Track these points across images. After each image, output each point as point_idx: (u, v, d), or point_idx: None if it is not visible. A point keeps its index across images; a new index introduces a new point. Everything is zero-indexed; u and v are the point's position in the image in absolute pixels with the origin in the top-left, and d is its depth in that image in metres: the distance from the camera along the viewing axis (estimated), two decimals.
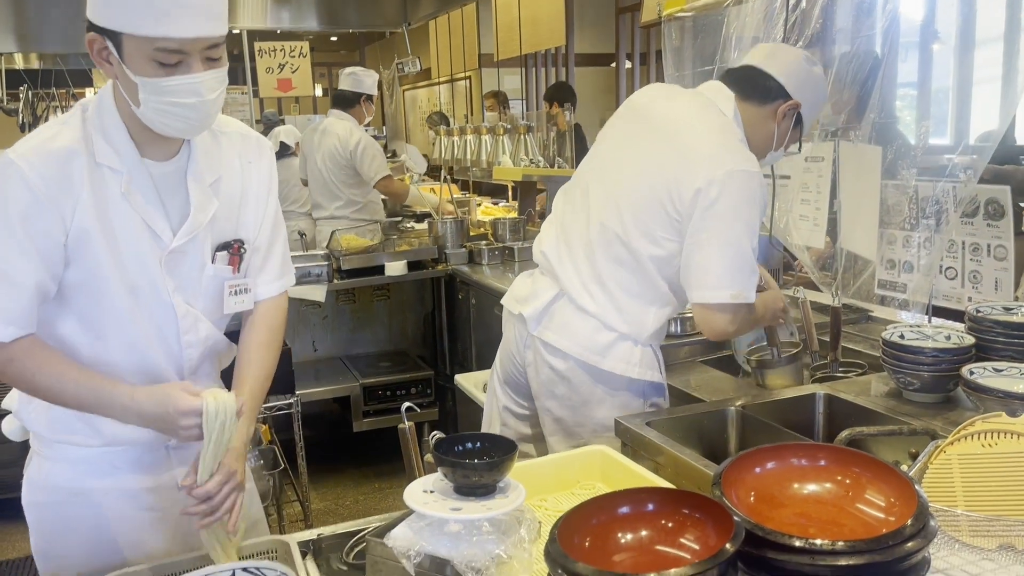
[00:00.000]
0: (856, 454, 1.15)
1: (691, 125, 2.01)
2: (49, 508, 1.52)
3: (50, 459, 1.52)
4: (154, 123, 1.37)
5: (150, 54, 1.29)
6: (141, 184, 1.42)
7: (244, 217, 1.56)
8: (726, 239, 1.91)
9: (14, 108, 5.41)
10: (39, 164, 1.32)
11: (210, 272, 1.52)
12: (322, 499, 3.92)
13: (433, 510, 1.19)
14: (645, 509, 1.09)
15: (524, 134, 4.64)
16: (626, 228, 2.00)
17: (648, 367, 2.07)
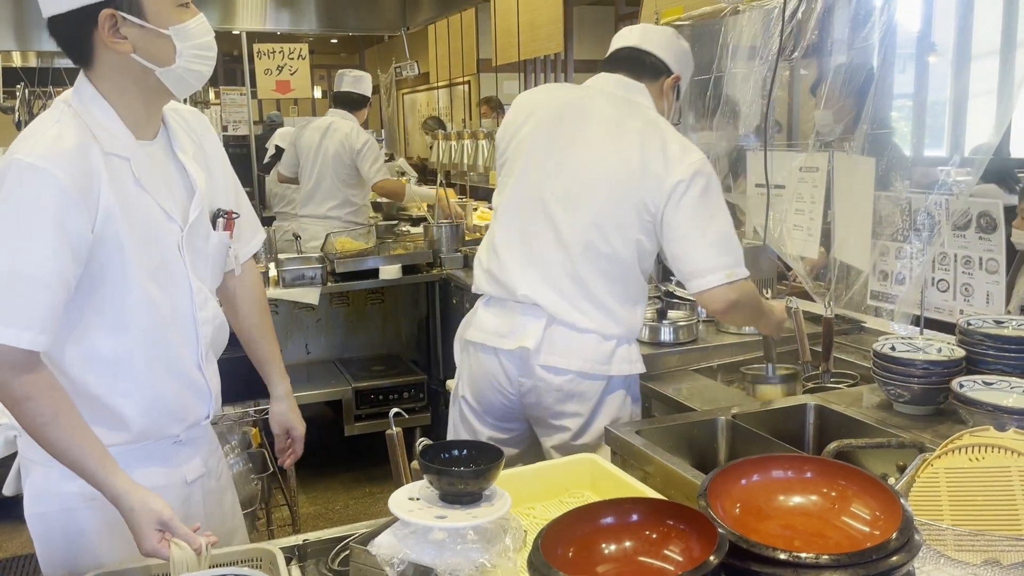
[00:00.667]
0: (842, 467, 1.15)
1: (636, 128, 2.06)
2: (56, 517, 1.51)
3: (56, 467, 1.47)
4: (184, 76, 1.42)
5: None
6: (146, 166, 1.44)
7: (215, 185, 1.61)
8: (704, 227, 2.00)
9: (10, 106, 5.40)
10: (65, 164, 1.32)
11: (215, 240, 1.57)
12: (312, 503, 3.91)
13: (418, 518, 1.18)
14: (629, 520, 1.08)
15: None
16: (607, 239, 2.04)
17: (639, 361, 2.18)
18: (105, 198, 1.36)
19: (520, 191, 2.13)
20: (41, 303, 1.31)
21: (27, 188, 1.31)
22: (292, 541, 1.48)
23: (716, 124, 3.18)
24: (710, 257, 2.00)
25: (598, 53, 8.66)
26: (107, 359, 1.44)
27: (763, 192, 2.79)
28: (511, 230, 2.14)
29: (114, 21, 1.34)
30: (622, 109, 2.11)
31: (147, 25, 1.36)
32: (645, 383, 2.38)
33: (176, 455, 1.58)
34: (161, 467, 1.55)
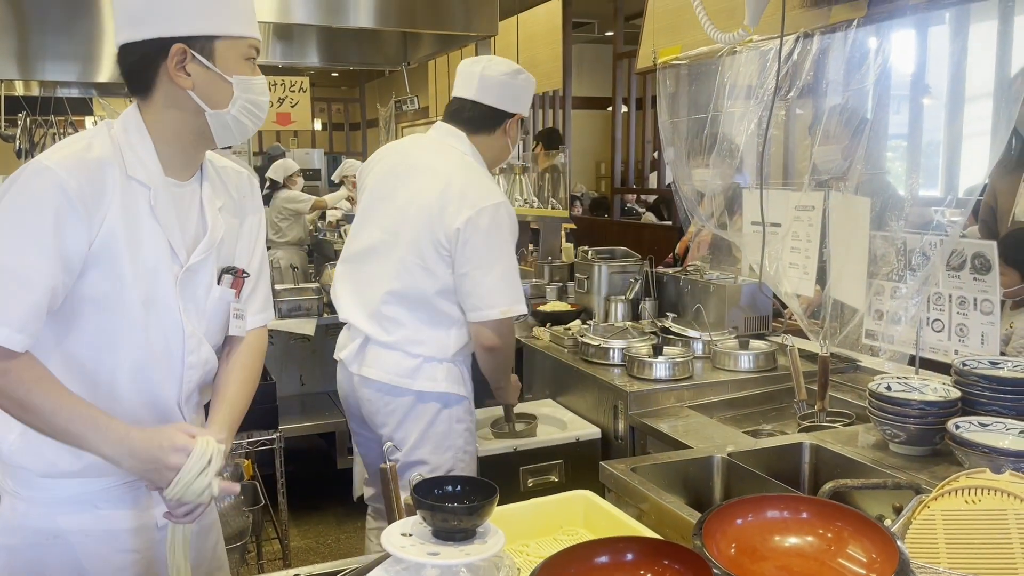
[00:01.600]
0: (839, 508, 1.14)
1: (439, 171, 2.31)
2: (22, 552, 1.47)
3: (25, 499, 1.47)
4: (231, 124, 1.47)
5: (243, 52, 1.45)
6: (165, 201, 1.45)
7: (238, 247, 1.62)
8: (488, 265, 2.24)
9: (11, 134, 5.43)
10: (76, 172, 1.34)
11: (216, 294, 1.56)
12: (303, 536, 3.87)
13: (410, 554, 1.17)
14: (624, 559, 1.07)
15: (520, 174, 4.67)
16: (412, 274, 2.30)
17: (453, 382, 2.34)
18: (111, 218, 1.37)
19: (355, 235, 2.47)
20: (23, 302, 1.30)
21: (34, 188, 1.32)
22: (285, 575, 1.46)
23: (712, 162, 3.22)
24: (492, 294, 2.25)
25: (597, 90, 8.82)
26: (89, 375, 1.43)
27: (759, 230, 2.81)
28: (345, 263, 2.48)
29: (184, 56, 1.40)
30: (439, 157, 2.37)
31: (213, 68, 1.42)
32: (640, 419, 2.38)
33: (147, 496, 1.53)
34: (130, 509, 1.52)
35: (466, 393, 2.38)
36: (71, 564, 1.46)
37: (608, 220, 7.28)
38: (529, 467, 2.52)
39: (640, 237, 6.24)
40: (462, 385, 2.37)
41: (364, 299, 2.37)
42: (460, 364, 2.38)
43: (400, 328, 2.31)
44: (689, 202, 3.33)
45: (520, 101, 2.43)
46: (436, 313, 2.31)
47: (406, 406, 2.32)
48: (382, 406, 2.35)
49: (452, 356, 2.34)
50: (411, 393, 2.31)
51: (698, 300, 3.09)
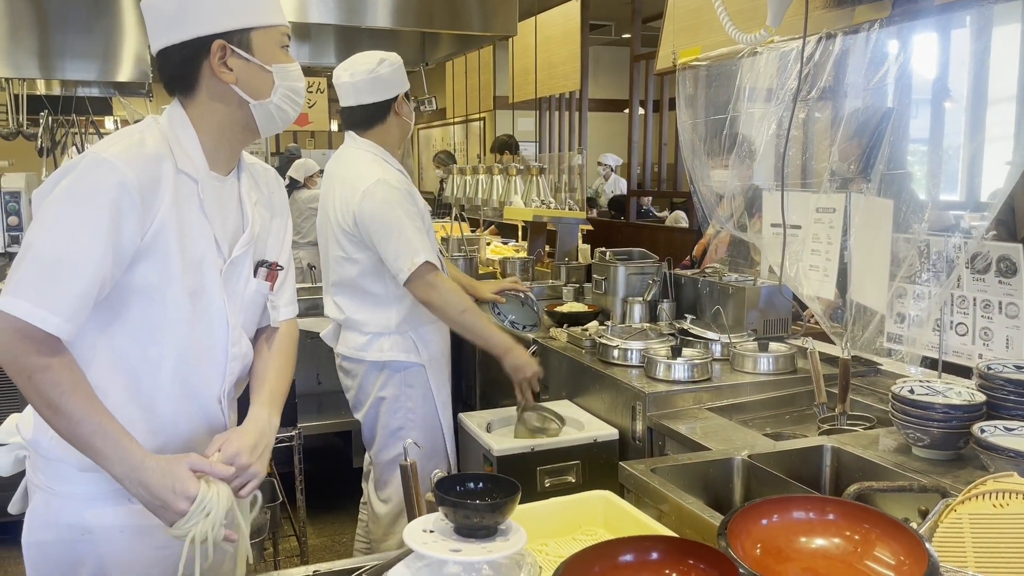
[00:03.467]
0: (866, 509, 1.13)
1: (338, 175, 2.72)
2: (54, 547, 1.48)
3: (59, 495, 1.48)
4: (273, 112, 1.50)
5: (277, 39, 1.48)
6: (211, 195, 1.48)
7: (270, 241, 1.65)
8: (386, 234, 2.56)
9: (33, 133, 5.46)
10: (134, 164, 1.36)
11: (253, 286, 1.59)
12: (320, 534, 3.87)
13: (432, 551, 1.17)
14: (648, 558, 1.07)
15: (536, 175, 4.67)
16: (341, 264, 2.70)
17: (401, 350, 2.71)
18: (164, 211, 1.39)
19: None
20: (75, 292, 1.31)
21: (92, 179, 1.34)
22: (302, 572, 1.46)
23: (731, 163, 3.20)
24: (397, 257, 2.55)
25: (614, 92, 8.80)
26: (133, 368, 1.44)
27: (779, 232, 2.79)
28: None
29: (224, 52, 1.43)
30: (339, 163, 2.75)
31: (253, 60, 1.45)
32: (659, 420, 2.37)
33: None
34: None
35: (418, 360, 2.73)
36: (102, 560, 1.47)
37: (624, 222, 7.26)
38: (546, 467, 2.51)
39: (656, 239, 6.22)
40: (414, 353, 2.73)
41: (328, 290, 2.83)
42: (409, 334, 2.72)
43: (345, 311, 2.74)
44: (707, 204, 3.31)
45: (393, 84, 2.68)
46: (367, 294, 2.69)
47: (362, 372, 2.75)
48: (344, 376, 2.85)
49: (397, 327, 2.70)
50: (365, 362, 2.73)
51: (717, 302, 3.07)
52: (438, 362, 2.82)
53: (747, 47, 2.96)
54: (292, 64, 1.51)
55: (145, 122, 1.49)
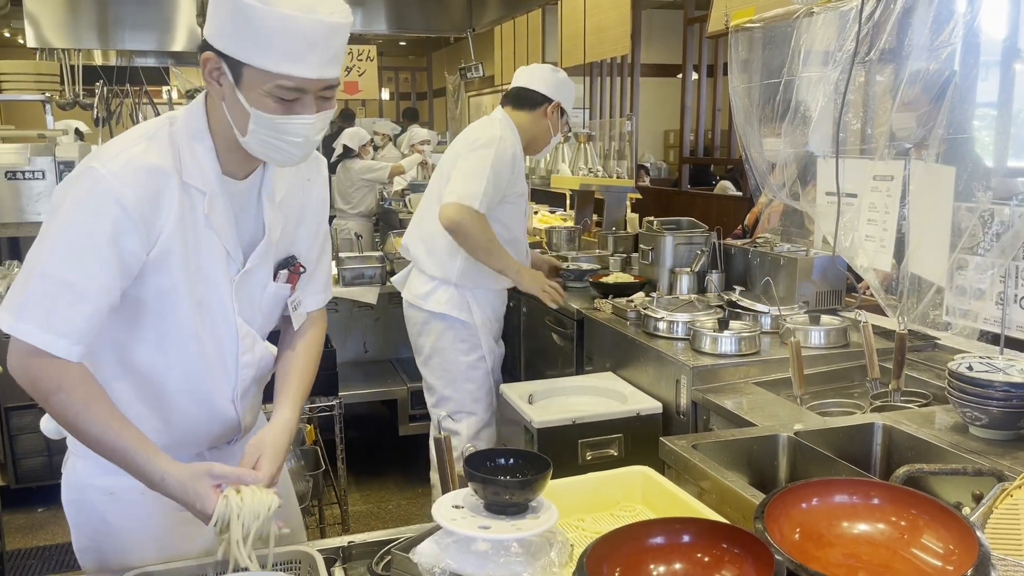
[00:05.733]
0: (914, 494, 1.08)
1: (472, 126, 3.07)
2: (85, 506, 1.53)
3: (84, 458, 1.52)
4: (255, 151, 1.38)
5: (270, 89, 1.30)
6: (221, 204, 1.42)
7: (299, 234, 1.58)
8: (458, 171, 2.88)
9: (90, 103, 5.57)
10: (131, 182, 1.31)
11: (272, 290, 1.53)
12: (365, 501, 3.92)
13: (461, 527, 1.15)
14: (680, 540, 1.03)
15: (584, 143, 4.59)
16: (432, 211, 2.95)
17: (455, 307, 2.96)
18: (169, 227, 1.35)
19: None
20: (83, 315, 1.30)
21: (92, 199, 1.31)
22: (337, 543, 1.46)
23: (784, 130, 3.09)
24: (458, 186, 2.82)
25: (666, 57, 8.58)
26: (141, 373, 1.44)
27: (834, 201, 2.69)
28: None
29: (216, 67, 1.33)
30: (476, 130, 3.00)
31: (237, 91, 1.32)
32: (704, 395, 2.32)
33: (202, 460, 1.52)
34: None
35: (470, 319, 2.98)
36: (128, 520, 1.50)
37: (676, 190, 7.13)
38: (588, 440, 2.48)
39: (708, 209, 6.08)
40: (466, 312, 2.97)
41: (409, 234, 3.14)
42: (466, 292, 2.96)
43: (418, 253, 3.02)
44: (760, 171, 3.21)
45: (560, 92, 3.00)
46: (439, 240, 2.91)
47: (420, 321, 3.03)
48: (408, 322, 3.12)
49: (457, 279, 2.94)
50: (423, 311, 2.99)
51: (767, 273, 2.98)
52: (490, 327, 3.05)
53: (803, 7, 2.84)
54: (282, 118, 1.32)
55: (158, 123, 1.42)
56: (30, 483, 3.78)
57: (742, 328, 2.55)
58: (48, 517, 3.80)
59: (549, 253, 4.24)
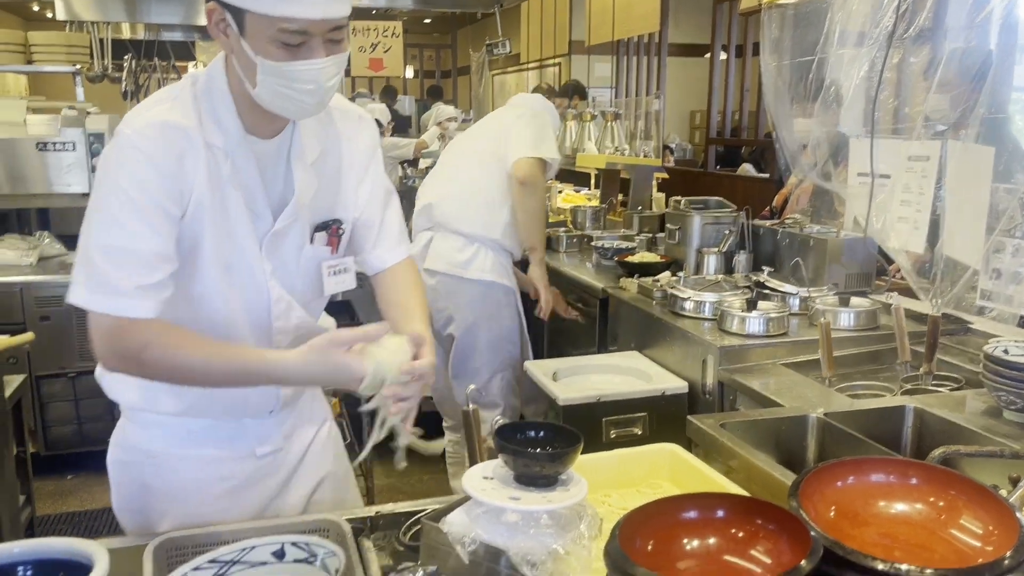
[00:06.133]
0: (952, 475, 1.06)
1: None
2: (128, 467, 1.54)
3: (132, 421, 1.53)
4: (268, 104, 1.34)
5: (273, 35, 1.25)
6: (245, 164, 1.39)
7: (342, 194, 1.53)
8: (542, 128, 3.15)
9: (118, 76, 5.59)
10: (154, 137, 1.30)
11: (308, 253, 1.50)
12: (388, 475, 3.94)
13: (491, 498, 1.15)
14: (714, 515, 1.02)
15: (611, 121, 4.55)
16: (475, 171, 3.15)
17: (499, 274, 3.07)
18: (198, 187, 1.34)
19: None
20: (145, 274, 1.29)
21: (122, 162, 1.30)
22: (364, 513, 1.47)
23: (817, 109, 3.04)
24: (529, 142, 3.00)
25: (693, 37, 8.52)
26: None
27: (866, 181, 2.64)
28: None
29: (221, 17, 1.29)
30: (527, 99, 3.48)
31: (242, 40, 1.28)
32: (730, 375, 2.30)
33: (245, 430, 1.55)
34: (227, 440, 1.53)
35: (511, 284, 3.11)
36: (170, 483, 1.51)
37: (702, 171, 7.07)
38: (612, 418, 2.47)
39: (734, 190, 6.03)
40: (507, 277, 3.09)
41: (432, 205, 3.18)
42: (505, 254, 3.09)
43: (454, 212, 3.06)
44: (790, 151, 3.16)
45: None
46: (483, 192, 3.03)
47: (460, 291, 3.02)
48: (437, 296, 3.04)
49: (501, 235, 3.04)
50: (464, 281, 2.98)
51: (796, 254, 2.95)
52: (518, 293, 3.17)
53: None
54: (289, 64, 1.27)
55: (181, 84, 1.40)
56: (60, 450, 3.84)
57: (770, 309, 2.53)
58: (77, 484, 3.86)
59: (573, 231, 4.23)
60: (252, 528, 1.37)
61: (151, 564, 1.23)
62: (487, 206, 3.01)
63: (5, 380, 2.40)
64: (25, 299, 3.67)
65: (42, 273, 3.81)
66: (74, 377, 3.77)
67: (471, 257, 2.99)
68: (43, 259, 3.99)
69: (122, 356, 1.32)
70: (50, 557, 0.79)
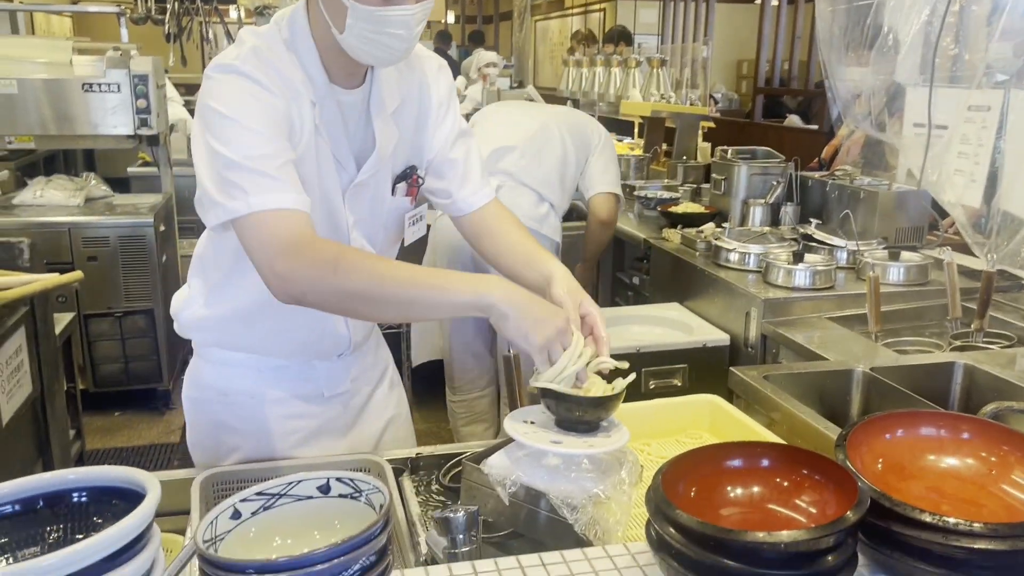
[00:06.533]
0: (1006, 430, 1.03)
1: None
2: (201, 404, 1.57)
3: (203, 358, 1.57)
4: (353, 49, 1.31)
5: None
6: (331, 113, 1.37)
7: (421, 140, 1.51)
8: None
9: (161, 19, 5.60)
10: (259, 64, 1.28)
11: (390, 205, 1.48)
12: (425, 420, 3.99)
13: (533, 441, 1.15)
14: (759, 464, 1.01)
15: (657, 68, 4.45)
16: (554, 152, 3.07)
17: (557, 233, 3.01)
18: (295, 128, 1.32)
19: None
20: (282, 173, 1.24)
21: (228, 87, 1.26)
22: (405, 454, 1.49)
23: (872, 57, 2.93)
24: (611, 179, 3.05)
25: None
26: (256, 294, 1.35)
27: (922, 132, 2.56)
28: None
29: None
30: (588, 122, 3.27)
31: None
32: (774, 328, 2.27)
33: (314, 370, 1.56)
34: (296, 380, 1.55)
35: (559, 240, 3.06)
36: (238, 421, 1.53)
37: (747, 122, 6.91)
38: (652, 369, 2.46)
39: (780, 141, 5.89)
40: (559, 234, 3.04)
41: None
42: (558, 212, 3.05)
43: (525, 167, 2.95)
44: (843, 101, 3.06)
45: None
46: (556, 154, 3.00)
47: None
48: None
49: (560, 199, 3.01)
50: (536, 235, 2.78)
51: (846, 206, 2.88)
52: None
53: None
54: (385, 9, 1.24)
55: (268, 28, 1.37)
56: (108, 387, 3.95)
57: (817, 261, 2.48)
58: (124, 421, 3.97)
59: None
60: (296, 465, 1.40)
61: (198, 496, 1.26)
62: (561, 180, 2.96)
63: (55, 318, 2.46)
64: (73, 239, 3.74)
65: (89, 214, 3.87)
66: (120, 317, 3.85)
67: (546, 214, 2.92)
68: (89, 200, 4.05)
69: (315, 263, 1.20)
70: (104, 484, 0.81)
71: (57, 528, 0.80)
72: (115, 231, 3.79)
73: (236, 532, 0.87)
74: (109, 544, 0.71)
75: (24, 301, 2.15)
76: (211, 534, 0.85)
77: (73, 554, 0.69)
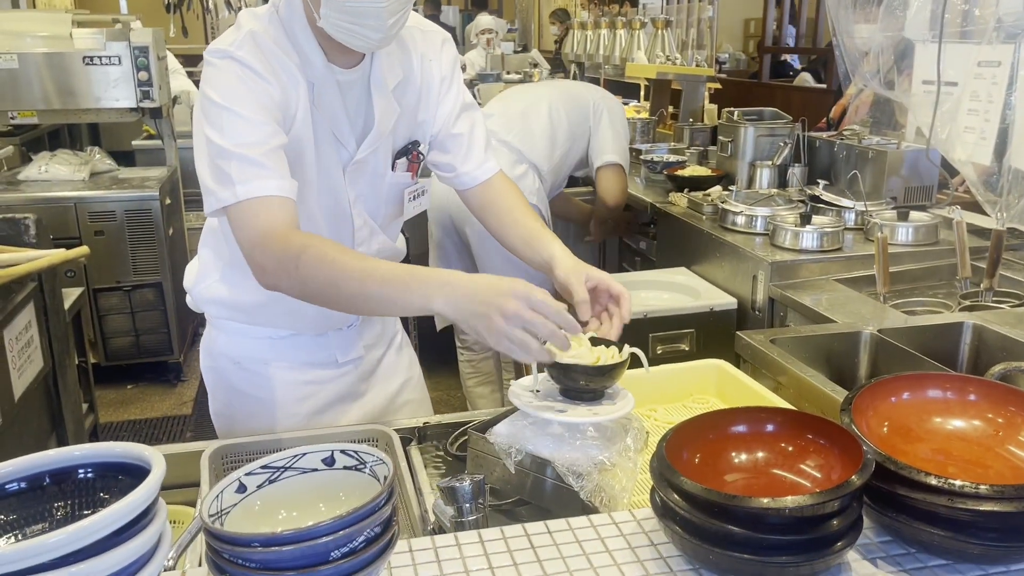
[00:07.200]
0: (1014, 391, 1.03)
1: None
2: (218, 373, 1.61)
3: (216, 328, 1.60)
4: (333, 35, 1.30)
5: None
6: (329, 92, 1.38)
7: (423, 115, 1.51)
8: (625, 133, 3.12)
9: None
10: (255, 49, 1.29)
11: (390, 180, 1.50)
12: (435, 388, 4.00)
13: (537, 410, 1.15)
14: (764, 429, 1.01)
15: (662, 29, 4.38)
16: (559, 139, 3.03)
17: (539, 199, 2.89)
18: (291, 107, 1.33)
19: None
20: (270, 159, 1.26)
21: (223, 74, 1.28)
22: (412, 423, 1.49)
23: (881, 14, 2.88)
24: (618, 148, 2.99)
25: None
26: None
27: (931, 89, 2.52)
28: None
29: None
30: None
31: None
32: (781, 291, 2.26)
33: (326, 338, 1.58)
34: (309, 348, 1.57)
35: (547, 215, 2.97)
36: (254, 388, 1.57)
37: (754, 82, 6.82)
38: (659, 334, 2.46)
39: (788, 101, 5.82)
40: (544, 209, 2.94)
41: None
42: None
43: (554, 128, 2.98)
44: (851, 59, 3.01)
45: None
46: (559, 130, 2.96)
47: None
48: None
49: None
50: None
51: (854, 166, 2.85)
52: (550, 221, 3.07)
53: None
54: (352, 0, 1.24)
55: (267, 10, 1.37)
56: (120, 361, 3.98)
57: (825, 223, 2.46)
58: (136, 393, 4.01)
59: None
60: (304, 437, 1.40)
61: (208, 468, 1.27)
62: (551, 142, 2.89)
63: (64, 293, 2.47)
64: (79, 214, 3.75)
65: (95, 188, 3.87)
66: (129, 291, 3.87)
67: (523, 174, 2.82)
68: (95, 174, 4.05)
69: (280, 259, 1.22)
70: (110, 460, 0.81)
71: (64, 504, 0.80)
72: (121, 205, 3.80)
73: (242, 505, 0.88)
74: (115, 520, 0.71)
75: (32, 277, 2.15)
76: (217, 508, 0.85)
77: (79, 530, 0.69)
